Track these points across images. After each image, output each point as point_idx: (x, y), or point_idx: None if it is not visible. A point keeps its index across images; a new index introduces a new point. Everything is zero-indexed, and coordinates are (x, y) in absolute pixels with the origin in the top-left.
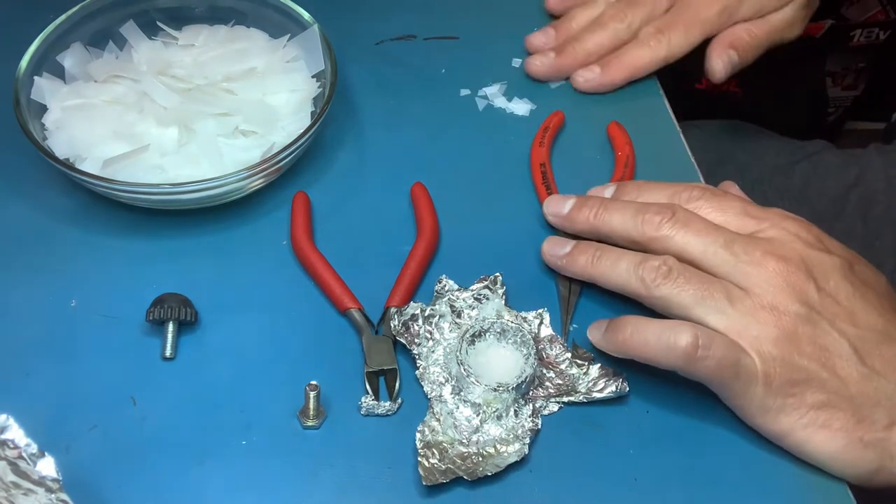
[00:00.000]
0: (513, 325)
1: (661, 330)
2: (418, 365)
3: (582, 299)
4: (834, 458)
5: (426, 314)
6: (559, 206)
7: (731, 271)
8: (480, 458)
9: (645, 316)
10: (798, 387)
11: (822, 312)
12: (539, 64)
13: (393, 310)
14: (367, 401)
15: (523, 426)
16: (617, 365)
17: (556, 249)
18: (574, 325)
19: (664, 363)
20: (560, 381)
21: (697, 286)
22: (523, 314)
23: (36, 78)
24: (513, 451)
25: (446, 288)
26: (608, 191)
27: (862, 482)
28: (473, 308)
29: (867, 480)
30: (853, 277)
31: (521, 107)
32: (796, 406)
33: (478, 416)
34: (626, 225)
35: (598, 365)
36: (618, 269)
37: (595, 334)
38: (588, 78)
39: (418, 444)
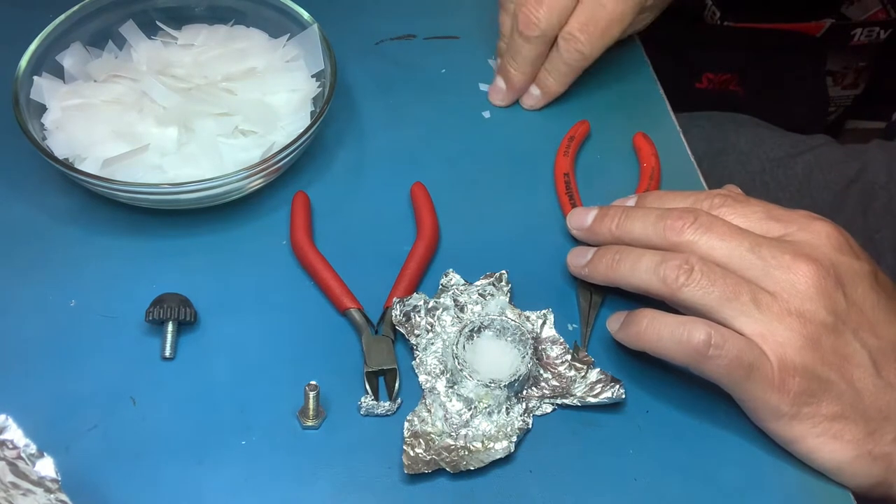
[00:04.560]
0: (513, 323)
1: (675, 325)
2: (415, 356)
3: (605, 304)
4: (841, 468)
5: (429, 306)
6: (581, 219)
7: (759, 275)
8: (466, 452)
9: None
10: (815, 396)
11: (847, 322)
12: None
13: (395, 300)
14: (367, 401)
15: (513, 424)
16: (620, 369)
17: (578, 259)
18: (572, 326)
19: (676, 359)
20: (556, 383)
21: (723, 287)
22: (527, 313)
23: (35, 78)
24: (500, 448)
25: (452, 282)
26: (630, 201)
27: (861, 492)
28: (477, 303)
29: (867, 491)
30: (878, 287)
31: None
32: (811, 415)
33: (469, 410)
34: (647, 232)
35: (598, 370)
36: (638, 271)
37: (613, 325)
38: (532, 103)
39: (406, 433)
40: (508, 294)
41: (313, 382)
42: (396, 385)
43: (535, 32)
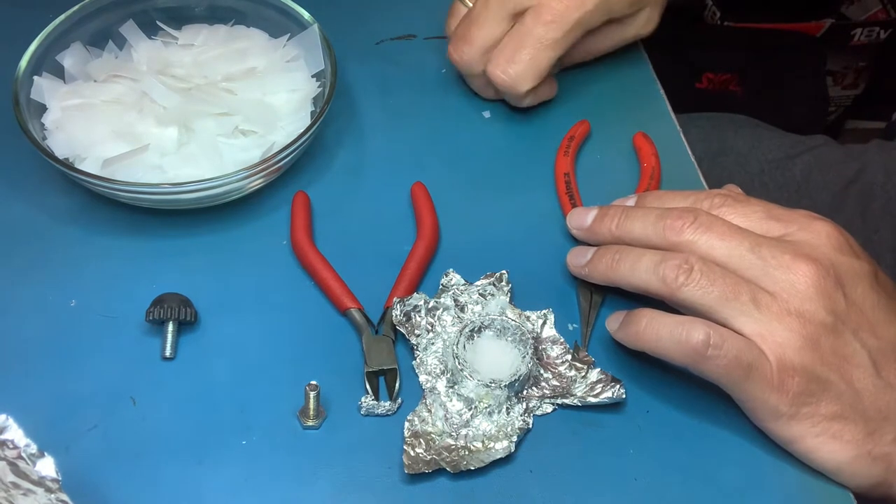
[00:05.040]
0: (513, 322)
1: (674, 325)
2: (416, 356)
3: (605, 303)
4: (841, 468)
5: (429, 306)
6: (581, 219)
7: (758, 275)
8: (466, 452)
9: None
10: (814, 397)
11: (846, 322)
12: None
13: (396, 300)
14: (367, 401)
15: (513, 424)
16: (620, 369)
17: (578, 259)
18: (573, 325)
19: (675, 359)
20: (556, 383)
21: (723, 287)
22: (527, 313)
23: (35, 78)
24: (500, 448)
25: (452, 282)
26: (630, 201)
27: (862, 492)
28: (478, 303)
29: (867, 491)
30: (878, 286)
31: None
32: (810, 415)
33: (469, 410)
34: (647, 231)
35: (598, 369)
36: (638, 271)
37: (612, 325)
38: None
39: (406, 433)
40: (509, 294)
41: (313, 382)
42: (397, 385)
43: (463, 69)
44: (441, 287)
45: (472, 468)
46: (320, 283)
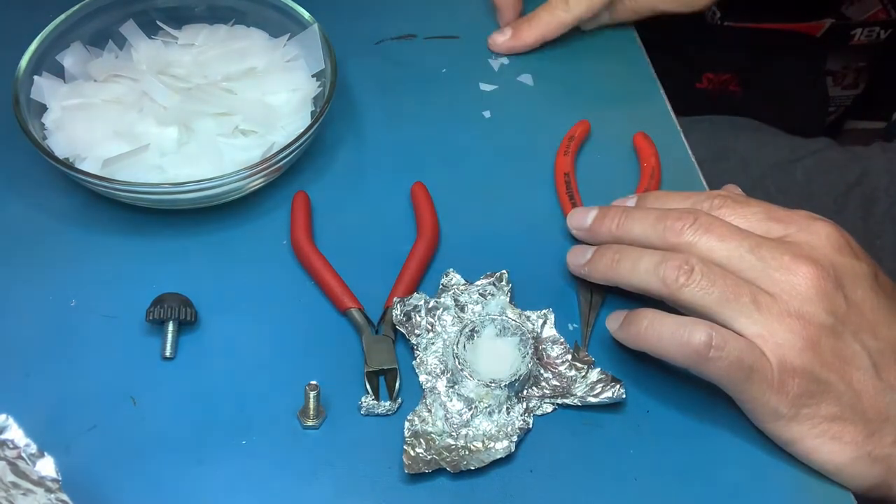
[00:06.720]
0: (514, 322)
1: (676, 326)
2: (416, 356)
3: (605, 303)
4: (841, 469)
5: (429, 306)
6: (582, 219)
7: (758, 276)
8: (466, 452)
9: (665, 311)
10: (814, 398)
11: (847, 324)
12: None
13: (396, 299)
14: (367, 401)
15: (513, 424)
16: (620, 369)
17: (578, 259)
18: (573, 325)
19: (676, 360)
20: (556, 383)
21: (723, 288)
22: (527, 313)
23: (35, 77)
24: (500, 448)
25: (452, 281)
26: (630, 201)
27: (861, 492)
28: (478, 303)
29: (867, 492)
30: (878, 287)
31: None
32: (809, 416)
33: (469, 410)
34: (647, 232)
35: (598, 369)
36: (638, 271)
37: (613, 324)
38: (500, 41)
39: (406, 433)
40: (509, 294)
41: (314, 382)
42: (397, 385)
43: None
44: (441, 287)
45: (472, 468)
46: (320, 283)
